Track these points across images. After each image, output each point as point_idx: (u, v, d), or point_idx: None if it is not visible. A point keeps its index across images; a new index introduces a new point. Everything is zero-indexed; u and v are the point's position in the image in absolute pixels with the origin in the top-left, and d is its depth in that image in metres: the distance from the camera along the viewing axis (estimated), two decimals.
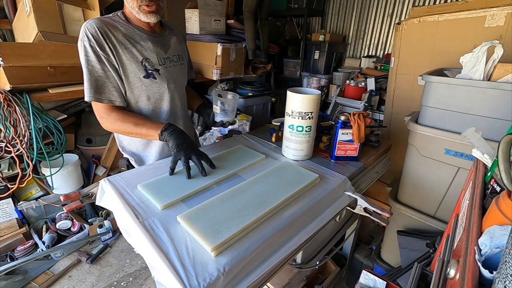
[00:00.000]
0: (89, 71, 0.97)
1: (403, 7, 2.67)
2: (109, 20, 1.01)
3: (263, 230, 0.74)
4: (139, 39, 1.04)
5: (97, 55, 0.96)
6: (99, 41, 0.95)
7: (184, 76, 1.26)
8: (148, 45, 1.06)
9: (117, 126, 1.04)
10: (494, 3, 1.44)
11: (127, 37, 1.02)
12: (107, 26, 0.98)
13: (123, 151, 1.24)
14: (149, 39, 1.07)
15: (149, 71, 1.06)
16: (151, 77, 1.07)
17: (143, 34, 1.06)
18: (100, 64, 0.97)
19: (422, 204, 1.30)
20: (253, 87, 2.81)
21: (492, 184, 0.57)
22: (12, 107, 1.64)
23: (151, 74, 1.07)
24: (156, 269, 0.65)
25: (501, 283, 0.31)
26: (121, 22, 1.03)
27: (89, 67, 0.97)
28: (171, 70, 1.15)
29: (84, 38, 0.95)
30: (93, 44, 0.95)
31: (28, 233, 1.94)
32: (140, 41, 1.04)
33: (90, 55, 0.96)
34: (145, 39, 1.06)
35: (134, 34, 1.04)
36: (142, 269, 1.85)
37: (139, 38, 1.04)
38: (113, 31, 0.99)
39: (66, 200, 0.92)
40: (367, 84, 2.52)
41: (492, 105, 0.98)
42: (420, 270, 0.71)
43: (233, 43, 2.45)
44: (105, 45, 0.96)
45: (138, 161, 1.22)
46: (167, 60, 1.13)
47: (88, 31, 0.94)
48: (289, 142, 1.12)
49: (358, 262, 1.65)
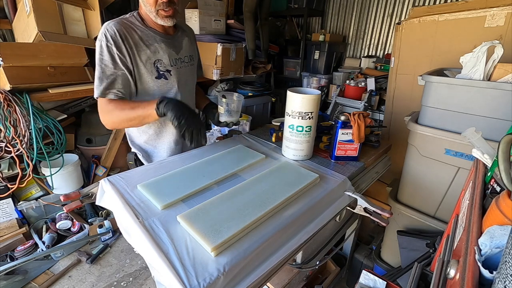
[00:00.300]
0: (102, 70, 1.00)
1: (403, 7, 2.67)
2: (127, 22, 1.05)
3: (263, 230, 0.74)
4: (153, 41, 1.08)
5: (111, 55, 1.00)
6: (117, 42, 0.99)
7: (193, 76, 1.30)
8: (161, 47, 1.10)
9: (116, 115, 1.02)
10: (494, 3, 1.44)
11: (142, 39, 1.06)
12: (125, 28, 1.02)
13: (132, 145, 1.26)
14: (163, 41, 1.10)
15: (161, 72, 1.10)
16: (162, 77, 1.11)
17: (157, 36, 1.09)
18: (113, 63, 1.01)
19: (422, 204, 1.30)
20: (253, 87, 2.81)
21: (492, 184, 0.57)
22: (12, 107, 1.65)
23: (162, 75, 1.11)
24: (156, 269, 0.65)
25: (501, 283, 0.31)
26: (137, 24, 1.07)
27: (102, 65, 1.00)
28: (182, 71, 1.19)
29: (102, 38, 0.99)
30: (110, 44, 0.99)
31: (28, 233, 1.94)
32: (154, 43, 1.08)
33: (104, 54, 0.99)
34: (159, 40, 1.09)
35: (149, 36, 1.08)
36: (142, 269, 1.85)
37: (153, 40, 1.08)
38: (130, 33, 1.03)
39: (66, 200, 0.92)
40: (367, 84, 2.52)
41: (492, 105, 0.98)
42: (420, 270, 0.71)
43: (233, 43, 2.45)
44: (122, 47, 1.00)
45: (145, 157, 1.24)
46: (179, 61, 1.17)
47: (107, 32, 0.99)
48: (289, 142, 1.12)
49: (358, 262, 1.65)
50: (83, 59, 1.95)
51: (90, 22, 2.02)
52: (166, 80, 1.12)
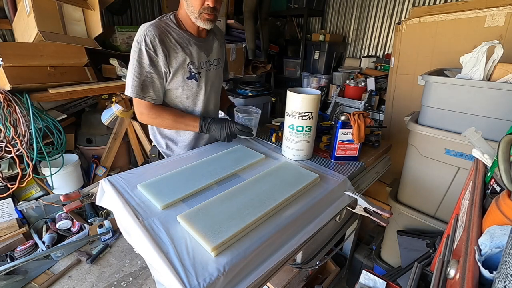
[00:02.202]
0: (139, 71, 1.07)
1: (403, 7, 2.67)
2: (164, 26, 1.10)
3: (263, 230, 0.74)
4: (187, 44, 1.14)
5: (150, 59, 1.06)
6: (155, 47, 1.05)
7: (220, 78, 1.36)
8: (194, 49, 1.15)
9: (157, 122, 1.18)
10: (494, 3, 1.44)
11: (178, 42, 1.12)
12: (163, 32, 1.08)
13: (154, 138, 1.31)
14: (195, 44, 1.16)
15: (192, 73, 1.17)
16: (193, 78, 1.18)
17: (191, 39, 1.15)
18: (151, 67, 1.07)
19: (422, 204, 1.30)
20: (253, 87, 2.81)
21: (492, 184, 0.57)
22: (12, 107, 1.65)
23: (193, 76, 1.17)
24: (156, 269, 0.65)
25: (501, 283, 0.31)
26: (173, 26, 1.12)
27: (140, 67, 1.06)
28: (210, 73, 1.25)
29: (142, 42, 1.04)
30: (149, 49, 1.04)
31: (28, 233, 1.94)
32: (188, 45, 1.14)
33: (144, 58, 1.05)
34: (192, 43, 1.15)
35: (184, 39, 1.13)
36: (142, 269, 1.85)
37: (187, 42, 1.14)
38: (168, 36, 1.09)
39: (66, 200, 0.92)
40: (367, 84, 2.53)
41: (492, 105, 0.98)
42: (420, 270, 0.71)
43: (233, 43, 2.45)
44: (159, 51, 1.06)
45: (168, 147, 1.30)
46: (208, 64, 1.23)
47: (147, 36, 1.04)
48: (289, 142, 1.12)
49: (358, 262, 1.65)
50: (83, 59, 1.95)
51: (90, 22, 2.02)
52: (196, 82, 1.18)
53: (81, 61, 1.95)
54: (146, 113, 1.14)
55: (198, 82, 1.19)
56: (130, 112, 2.23)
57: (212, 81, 1.26)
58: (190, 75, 1.16)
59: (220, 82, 1.36)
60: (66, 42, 1.84)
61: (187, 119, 1.17)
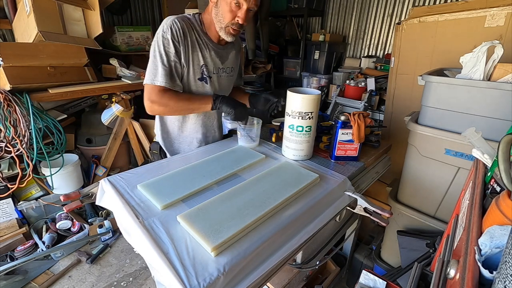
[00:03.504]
0: (167, 60, 1.07)
1: (403, 7, 2.67)
2: (189, 21, 1.11)
3: (263, 230, 0.74)
4: (205, 47, 1.15)
5: (176, 49, 1.07)
6: (180, 37, 1.07)
7: (230, 86, 1.37)
8: (210, 54, 1.17)
9: (171, 106, 1.11)
10: (494, 3, 1.44)
11: (198, 42, 1.13)
12: (187, 26, 1.09)
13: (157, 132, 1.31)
14: (213, 49, 1.18)
15: (204, 75, 1.18)
16: (203, 81, 1.19)
17: (210, 43, 1.17)
18: (176, 57, 1.08)
19: (422, 204, 1.30)
20: (253, 87, 2.82)
21: (492, 184, 0.56)
22: (12, 107, 1.65)
23: (204, 79, 1.19)
24: (156, 269, 0.65)
25: (501, 283, 0.31)
26: (196, 26, 1.13)
27: (167, 56, 1.07)
28: (221, 80, 1.26)
29: (168, 31, 1.05)
30: (174, 39, 1.06)
31: (28, 233, 1.94)
32: (206, 49, 1.16)
33: (170, 47, 1.06)
34: (210, 48, 1.17)
35: (203, 41, 1.15)
36: (142, 269, 1.85)
37: (206, 46, 1.16)
38: (190, 32, 1.10)
39: (66, 200, 0.92)
40: (367, 84, 2.52)
41: (492, 105, 0.98)
42: (420, 270, 0.71)
43: None
44: (182, 43, 1.08)
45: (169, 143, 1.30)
46: (221, 70, 1.24)
47: (173, 26, 1.05)
48: (289, 142, 1.12)
49: (358, 262, 1.65)
50: (83, 59, 1.95)
51: (90, 22, 2.02)
52: (206, 84, 1.20)
53: (81, 61, 1.95)
54: (158, 100, 1.10)
55: (208, 85, 1.20)
56: (130, 112, 2.23)
57: (221, 88, 1.27)
58: (202, 77, 1.18)
59: (229, 89, 1.37)
60: (66, 42, 1.84)
61: (200, 98, 1.15)
